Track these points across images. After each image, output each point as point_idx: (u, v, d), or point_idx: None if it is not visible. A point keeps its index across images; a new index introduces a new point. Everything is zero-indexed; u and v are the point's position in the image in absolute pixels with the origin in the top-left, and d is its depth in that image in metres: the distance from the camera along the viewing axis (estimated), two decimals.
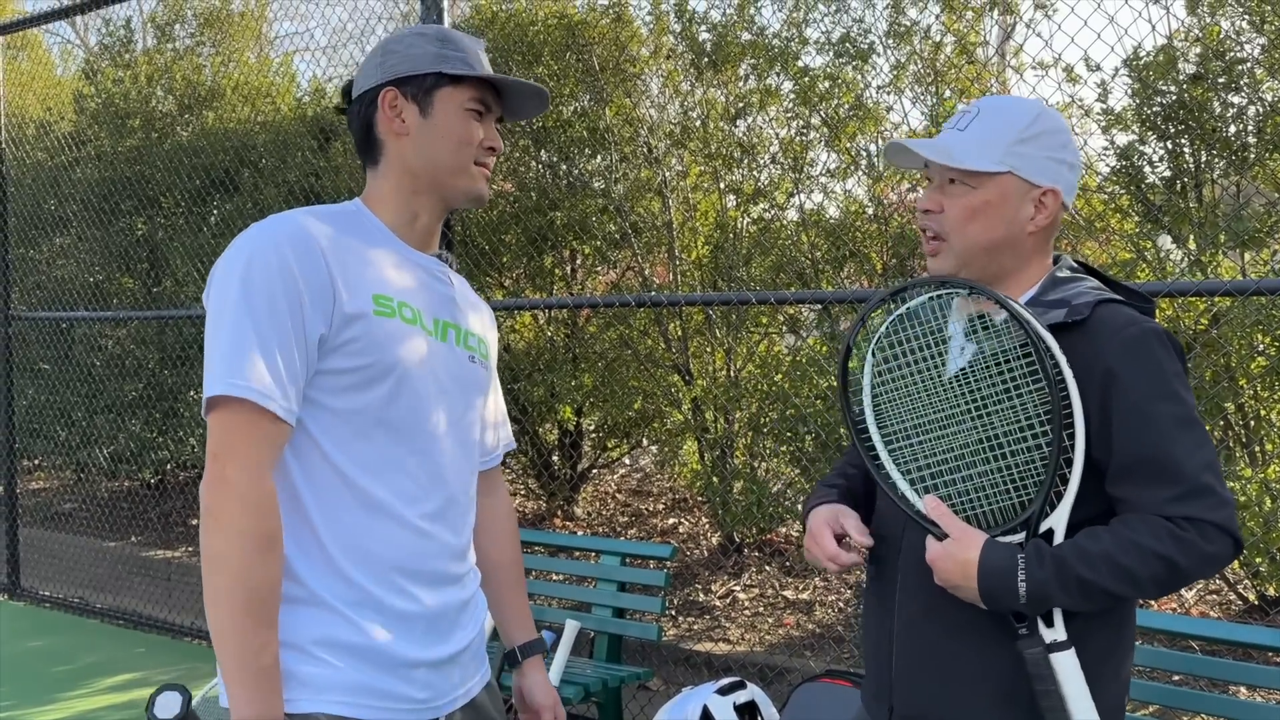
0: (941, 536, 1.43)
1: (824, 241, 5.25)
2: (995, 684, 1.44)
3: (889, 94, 4.97)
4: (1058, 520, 1.40)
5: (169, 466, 7.54)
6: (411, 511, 1.50)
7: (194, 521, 7.52)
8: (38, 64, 9.87)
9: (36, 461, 8.74)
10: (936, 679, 1.48)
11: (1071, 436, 1.39)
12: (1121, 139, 4.18)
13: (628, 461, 8.05)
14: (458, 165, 1.57)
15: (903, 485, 1.50)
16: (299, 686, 1.43)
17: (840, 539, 1.55)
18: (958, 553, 1.41)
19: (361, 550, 1.47)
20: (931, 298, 1.51)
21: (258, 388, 1.37)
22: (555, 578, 5.05)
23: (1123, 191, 4.25)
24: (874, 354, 1.56)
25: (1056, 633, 1.40)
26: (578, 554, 4.17)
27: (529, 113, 1.66)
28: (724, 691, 3.00)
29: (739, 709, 2.97)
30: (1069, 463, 1.40)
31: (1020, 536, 1.41)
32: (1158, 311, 4.06)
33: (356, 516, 1.46)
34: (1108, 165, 4.27)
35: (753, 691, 3.04)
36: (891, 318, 1.54)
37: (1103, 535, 1.37)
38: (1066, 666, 1.38)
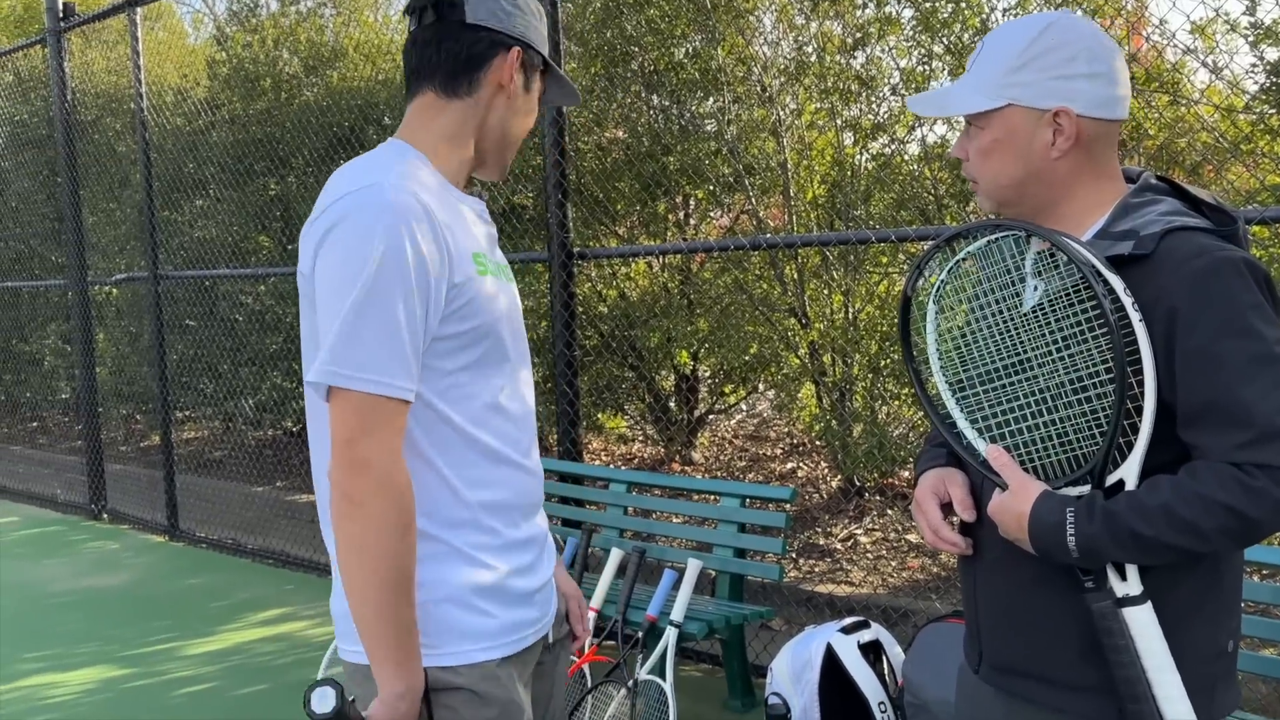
0: (1004, 487, 1.38)
1: (948, 175, 5.08)
2: (1075, 638, 1.38)
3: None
4: (1129, 470, 1.31)
5: None
6: (517, 451, 1.57)
7: None
8: (172, 33, 10.32)
9: (187, 413, 9.28)
10: (1017, 631, 1.44)
11: (1141, 382, 1.29)
12: (1272, 54, 3.89)
13: (744, 407, 8.04)
14: (514, 144, 1.63)
15: (970, 434, 1.45)
16: (460, 638, 1.48)
17: (947, 507, 1.50)
18: (1014, 505, 1.35)
19: (496, 499, 1.53)
20: (990, 241, 1.44)
21: (391, 380, 1.39)
22: (675, 519, 5.11)
23: (1273, 111, 3.97)
24: (936, 301, 1.50)
25: (1130, 586, 1.31)
26: (697, 497, 4.21)
27: (563, 101, 1.75)
28: (848, 630, 3.01)
29: (863, 648, 2.97)
30: (1139, 410, 1.29)
31: (1087, 488, 1.33)
32: None
33: (483, 468, 1.52)
34: (1255, 83, 3.99)
35: (877, 631, 3.04)
36: (952, 263, 1.49)
37: (1163, 486, 1.27)
38: (1141, 622, 1.30)
